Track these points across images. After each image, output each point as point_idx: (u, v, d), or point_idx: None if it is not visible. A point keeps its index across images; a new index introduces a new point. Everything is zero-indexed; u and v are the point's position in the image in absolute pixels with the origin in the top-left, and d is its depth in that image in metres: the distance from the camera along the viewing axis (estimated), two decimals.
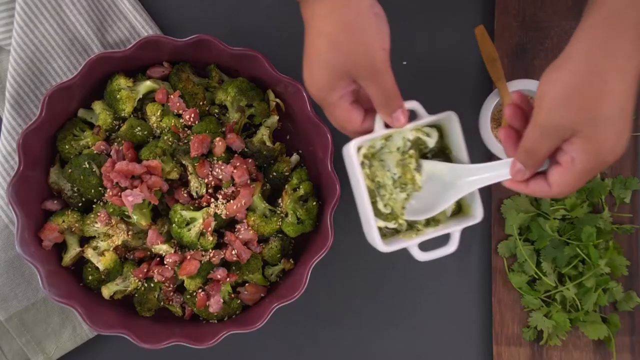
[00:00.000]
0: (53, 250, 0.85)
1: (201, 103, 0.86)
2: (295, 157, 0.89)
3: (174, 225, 0.82)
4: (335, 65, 0.64)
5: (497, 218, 0.91)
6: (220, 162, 0.83)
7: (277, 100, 0.88)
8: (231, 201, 0.83)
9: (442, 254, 0.73)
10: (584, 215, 0.87)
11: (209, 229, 0.83)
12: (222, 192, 0.84)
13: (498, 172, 0.69)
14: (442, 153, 0.75)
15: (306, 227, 0.86)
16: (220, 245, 0.86)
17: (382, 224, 0.74)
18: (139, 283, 0.85)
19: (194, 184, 0.84)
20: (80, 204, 0.85)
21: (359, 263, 0.92)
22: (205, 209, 0.83)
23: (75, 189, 0.84)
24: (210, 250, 0.84)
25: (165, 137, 0.83)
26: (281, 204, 0.86)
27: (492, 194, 0.91)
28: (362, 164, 0.72)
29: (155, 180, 0.81)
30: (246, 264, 0.85)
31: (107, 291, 0.85)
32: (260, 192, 0.86)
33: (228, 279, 0.84)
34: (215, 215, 0.83)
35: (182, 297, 0.87)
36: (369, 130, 0.70)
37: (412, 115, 0.72)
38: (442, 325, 0.92)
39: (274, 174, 0.87)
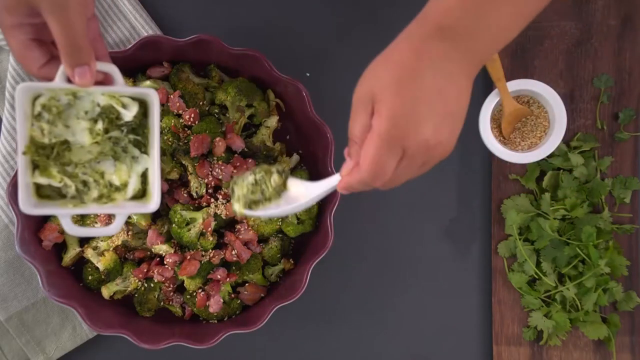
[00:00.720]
0: (53, 250, 0.85)
1: (201, 103, 0.86)
2: (295, 157, 0.89)
3: (174, 225, 0.82)
4: None
5: (497, 218, 0.91)
6: (220, 162, 0.83)
7: (277, 100, 0.88)
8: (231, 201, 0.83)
9: (98, 233, 0.68)
10: (584, 215, 0.87)
11: (209, 229, 0.83)
12: (222, 192, 0.84)
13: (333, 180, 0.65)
14: (139, 131, 0.67)
15: (306, 227, 0.86)
16: (220, 245, 0.86)
17: (44, 180, 0.64)
18: (139, 283, 0.85)
19: (194, 184, 0.84)
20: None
21: (359, 263, 0.92)
22: (205, 209, 0.83)
23: None
24: (210, 250, 0.84)
25: (165, 137, 0.83)
26: None
27: (492, 194, 0.91)
28: (40, 115, 0.62)
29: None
30: (246, 264, 0.85)
31: (107, 291, 0.85)
32: None
33: (228, 279, 0.84)
34: (215, 215, 0.83)
35: (182, 297, 0.87)
36: (49, 79, 0.61)
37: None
38: (442, 325, 0.92)
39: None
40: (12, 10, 0.58)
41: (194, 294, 0.85)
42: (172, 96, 0.84)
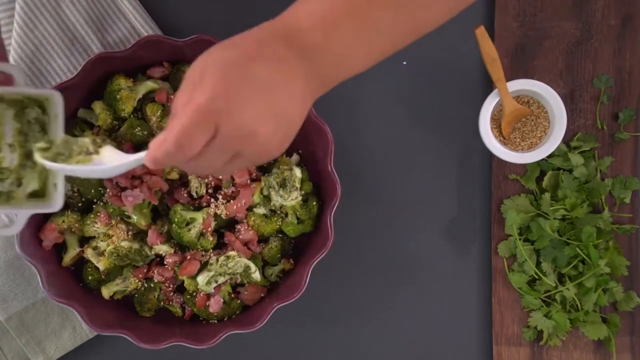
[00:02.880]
0: (53, 250, 0.85)
1: None
2: (295, 157, 0.89)
3: (174, 225, 0.82)
4: None
5: (497, 218, 0.91)
6: None
7: None
8: (231, 201, 0.83)
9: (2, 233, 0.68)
10: (584, 215, 0.87)
11: (209, 229, 0.83)
12: (222, 192, 0.84)
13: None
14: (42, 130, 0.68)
15: (306, 227, 0.86)
16: (220, 245, 0.86)
17: None
18: (139, 283, 0.85)
19: (194, 184, 0.84)
20: (80, 204, 0.85)
21: (359, 263, 0.92)
22: (205, 209, 0.83)
23: (75, 189, 0.84)
24: (210, 250, 0.84)
25: None
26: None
27: (492, 194, 0.91)
28: None
29: (155, 180, 0.81)
30: None
31: (107, 291, 0.85)
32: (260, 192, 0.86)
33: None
34: (215, 215, 0.83)
35: (182, 297, 0.87)
36: None
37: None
38: (442, 325, 0.92)
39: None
40: None
41: (194, 294, 0.85)
42: (172, 96, 0.84)
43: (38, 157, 0.66)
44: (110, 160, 0.66)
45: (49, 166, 0.66)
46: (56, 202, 0.68)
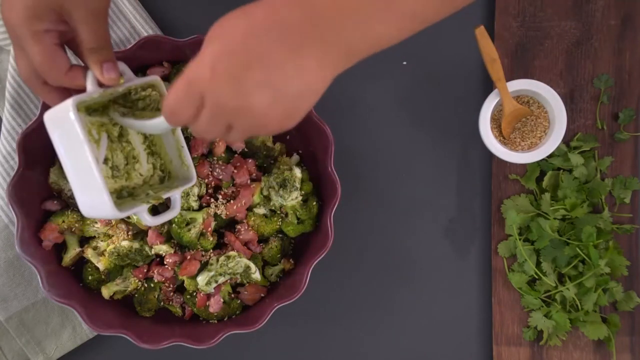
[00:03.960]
0: (53, 250, 0.85)
1: None
2: (295, 157, 0.89)
3: (174, 225, 0.82)
4: None
5: (497, 218, 0.91)
6: (220, 162, 0.83)
7: None
8: (231, 201, 0.83)
9: (170, 217, 0.75)
10: (584, 215, 0.87)
11: (209, 229, 0.83)
12: (222, 192, 0.84)
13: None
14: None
15: (306, 227, 0.86)
16: (220, 245, 0.86)
17: (116, 185, 0.72)
18: (139, 283, 0.85)
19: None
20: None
21: (359, 263, 0.92)
22: (205, 209, 0.83)
23: None
24: (210, 250, 0.84)
25: None
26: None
27: (492, 194, 0.91)
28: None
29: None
30: None
31: (107, 291, 0.85)
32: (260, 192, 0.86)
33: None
34: (215, 215, 0.83)
35: (182, 297, 0.87)
36: (75, 84, 0.65)
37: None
38: (442, 325, 0.92)
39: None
40: (42, 17, 0.61)
41: (194, 293, 0.85)
42: None
43: (113, 112, 0.71)
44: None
45: (119, 120, 0.71)
46: (192, 175, 0.76)
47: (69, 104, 0.63)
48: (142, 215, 0.71)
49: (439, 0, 0.55)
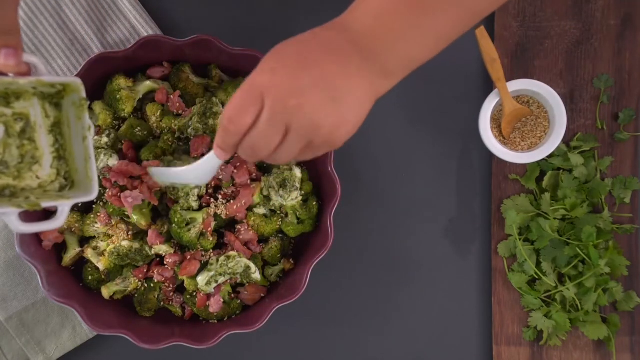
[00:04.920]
0: (53, 250, 0.85)
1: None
2: None
3: (174, 225, 0.82)
4: None
5: (497, 218, 0.91)
6: None
7: None
8: (231, 201, 0.83)
9: (46, 227, 0.67)
10: (584, 215, 0.87)
11: (209, 229, 0.83)
12: (222, 192, 0.84)
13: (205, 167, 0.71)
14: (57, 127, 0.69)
15: (306, 227, 0.86)
16: (220, 245, 0.86)
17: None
18: (139, 283, 0.85)
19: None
20: (80, 204, 0.85)
21: (359, 263, 0.92)
22: (205, 209, 0.83)
23: None
24: (211, 250, 0.84)
25: (166, 137, 0.83)
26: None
27: (492, 194, 0.91)
28: None
29: (155, 181, 0.81)
30: None
31: (107, 291, 0.85)
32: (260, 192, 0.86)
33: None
34: (215, 215, 0.83)
35: (182, 297, 0.87)
36: None
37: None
38: (442, 325, 0.92)
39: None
40: None
41: (194, 293, 0.85)
42: (172, 96, 0.84)
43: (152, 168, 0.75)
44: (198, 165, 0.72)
45: (154, 172, 0.74)
46: (94, 189, 0.69)
47: None
48: (9, 218, 0.64)
49: (465, 21, 0.61)
